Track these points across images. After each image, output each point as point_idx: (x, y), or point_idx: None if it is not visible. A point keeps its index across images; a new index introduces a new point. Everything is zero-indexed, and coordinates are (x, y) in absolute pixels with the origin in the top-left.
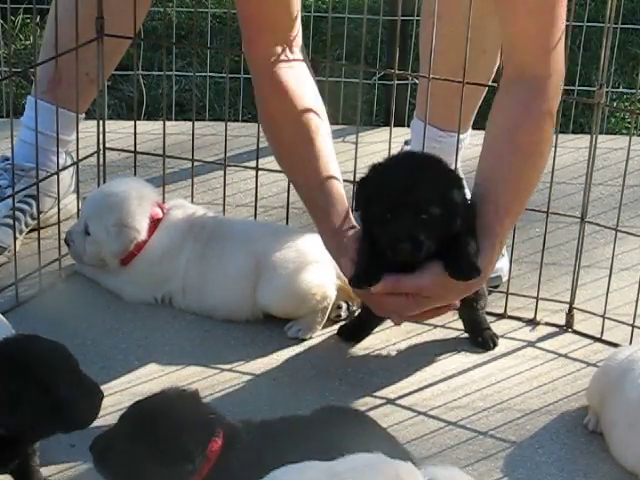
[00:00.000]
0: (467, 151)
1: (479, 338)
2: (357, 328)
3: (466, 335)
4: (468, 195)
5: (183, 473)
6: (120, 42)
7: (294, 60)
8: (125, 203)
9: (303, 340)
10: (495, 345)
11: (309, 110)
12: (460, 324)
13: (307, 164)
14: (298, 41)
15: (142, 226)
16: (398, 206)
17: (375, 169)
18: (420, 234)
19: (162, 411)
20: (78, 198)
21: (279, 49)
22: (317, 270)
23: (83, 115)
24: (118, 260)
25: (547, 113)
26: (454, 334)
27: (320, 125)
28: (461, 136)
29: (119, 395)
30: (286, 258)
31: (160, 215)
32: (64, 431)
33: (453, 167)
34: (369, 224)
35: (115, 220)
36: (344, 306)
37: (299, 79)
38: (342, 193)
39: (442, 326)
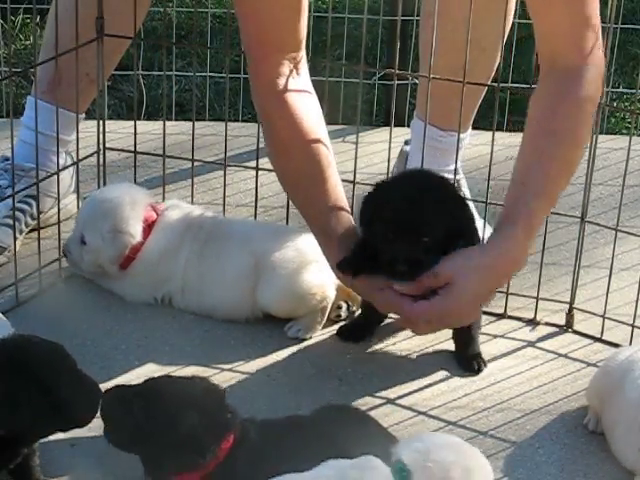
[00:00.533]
0: (467, 151)
1: (465, 360)
2: (357, 328)
3: None
4: (467, 194)
5: (192, 464)
6: (120, 42)
7: (300, 81)
8: (118, 209)
9: (303, 340)
10: (480, 370)
11: (318, 141)
12: None
13: (316, 196)
14: (303, 61)
15: (136, 230)
16: (400, 227)
17: (380, 187)
18: (419, 257)
19: (188, 399)
20: (78, 198)
21: (286, 70)
22: (317, 270)
23: (83, 115)
24: (116, 265)
25: (584, 99)
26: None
27: (328, 155)
28: (461, 135)
29: None
30: (286, 258)
31: (154, 217)
32: (63, 430)
33: (453, 167)
34: (371, 240)
35: (109, 227)
36: (344, 306)
37: (307, 104)
38: (350, 221)
39: None
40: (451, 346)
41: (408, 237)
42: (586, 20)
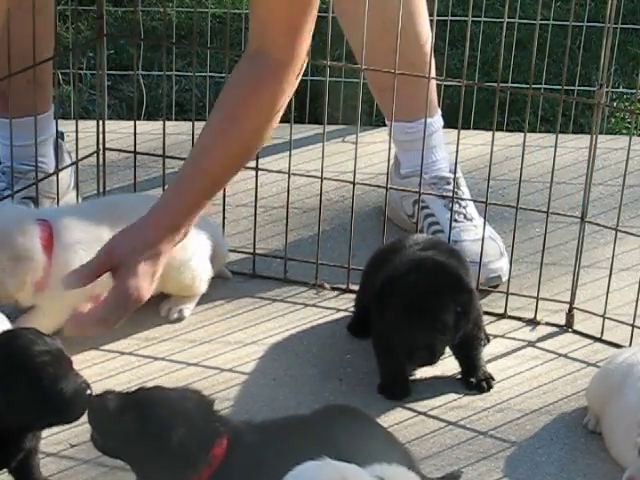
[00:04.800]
0: (467, 151)
1: (472, 379)
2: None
3: None
4: (467, 193)
5: (184, 475)
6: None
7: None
8: (9, 236)
9: (303, 340)
10: (490, 387)
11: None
12: None
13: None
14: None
15: (35, 252)
16: (415, 313)
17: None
18: (436, 343)
19: (173, 410)
20: (78, 198)
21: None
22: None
23: (51, 111)
24: (29, 290)
25: (279, 95)
26: None
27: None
28: (430, 120)
29: None
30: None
31: (48, 232)
32: (52, 425)
33: (441, 157)
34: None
35: (6, 257)
36: None
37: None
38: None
39: None
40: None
41: (423, 323)
42: (304, 11)
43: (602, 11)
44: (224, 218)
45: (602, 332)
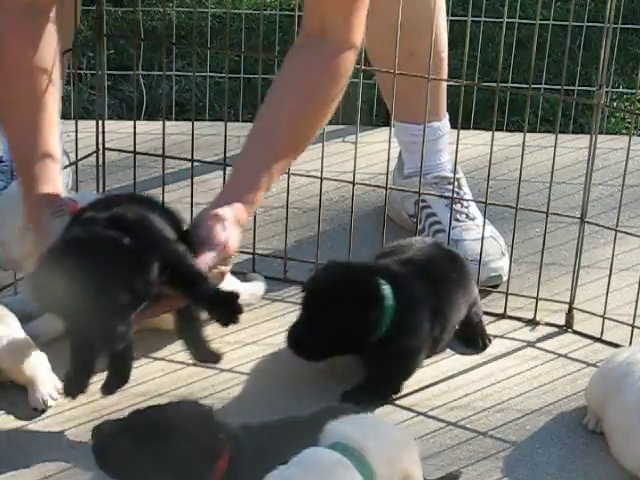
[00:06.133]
0: (467, 151)
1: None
2: None
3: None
4: (469, 193)
5: None
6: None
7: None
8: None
9: None
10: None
11: (46, 70)
12: None
13: (29, 139)
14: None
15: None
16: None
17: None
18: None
19: (174, 426)
20: None
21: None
22: None
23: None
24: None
25: (346, 76)
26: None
27: (54, 102)
28: (438, 124)
29: (119, 395)
30: None
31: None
32: None
33: (443, 160)
34: None
35: (18, 224)
36: None
37: (45, 43)
38: (56, 171)
39: None
40: (451, 346)
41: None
42: None
43: (602, 11)
44: None
45: (602, 332)
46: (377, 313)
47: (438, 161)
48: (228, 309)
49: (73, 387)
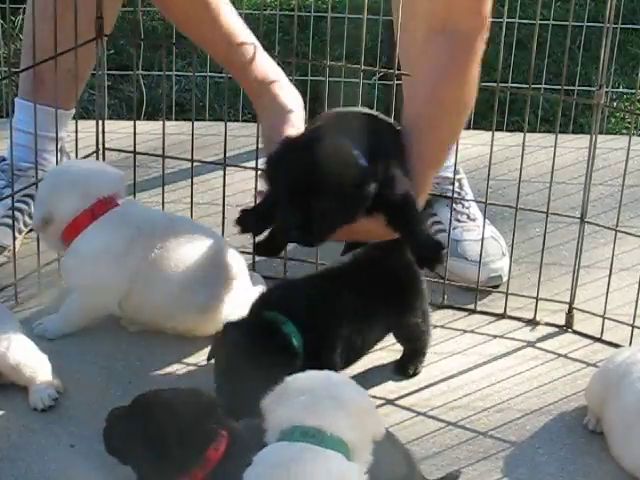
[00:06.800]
0: (467, 151)
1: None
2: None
3: (464, 335)
4: (470, 193)
5: (174, 476)
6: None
7: None
8: (58, 181)
9: None
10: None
11: None
12: (459, 324)
13: (210, 36)
14: None
15: (62, 209)
16: (294, 193)
17: (285, 145)
18: (312, 224)
19: (171, 411)
20: None
21: None
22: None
23: (73, 111)
24: (56, 236)
25: (474, 65)
26: (454, 334)
27: None
28: None
29: (121, 395)
30: None
31: (106, 203)
32: None
33: (450, 165)
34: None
35: (40, 193)
36: None
37: None
38: (252, 53)
39: (442, 326)
40: (451, 347)
41: (300, 203)
42: None
43: (602, 11)
44: (224, 218)
45: (602, 332)
46: (289, 363)
47: (445, 164)
48: (433, 258)
49: None
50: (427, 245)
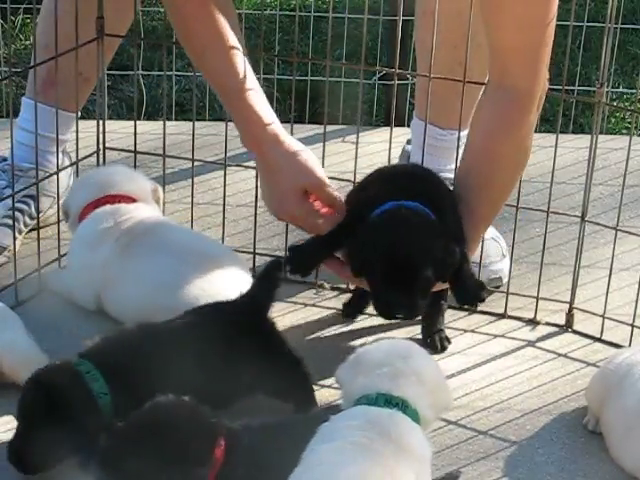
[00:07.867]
0: None
1: (428, 339)
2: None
3: (464, 334)
4: None
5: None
6: (113, 40)
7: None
8: (83, 177)
9: (303, 340)
10: (444, 348)
11: (234, 47)
12: (459, 324)
13: (238, 106)
14: None
15: (70, 201)
16: (394, 271)
17: (371, 229)
18: (414, 299)
19: (167, 422)
20: None
21: None
22: None
23: (78, 114)
24: (74, 225)
25: (528, 124)
26: (454, 334)
27: (244, 63)
28: (461, 134)
29: None
30: None
31: (124, 199)
32: None
33: (453, 166)
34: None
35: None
36: None
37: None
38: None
39: None
40: (451, 347)
41: (402, 281)
42: (543, 40)
43: (602, 11)
44: (224, 218)
45: (602, 332)
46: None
47: (449, 166)
48: (474, 300)
49: None
50: (471, 290)
